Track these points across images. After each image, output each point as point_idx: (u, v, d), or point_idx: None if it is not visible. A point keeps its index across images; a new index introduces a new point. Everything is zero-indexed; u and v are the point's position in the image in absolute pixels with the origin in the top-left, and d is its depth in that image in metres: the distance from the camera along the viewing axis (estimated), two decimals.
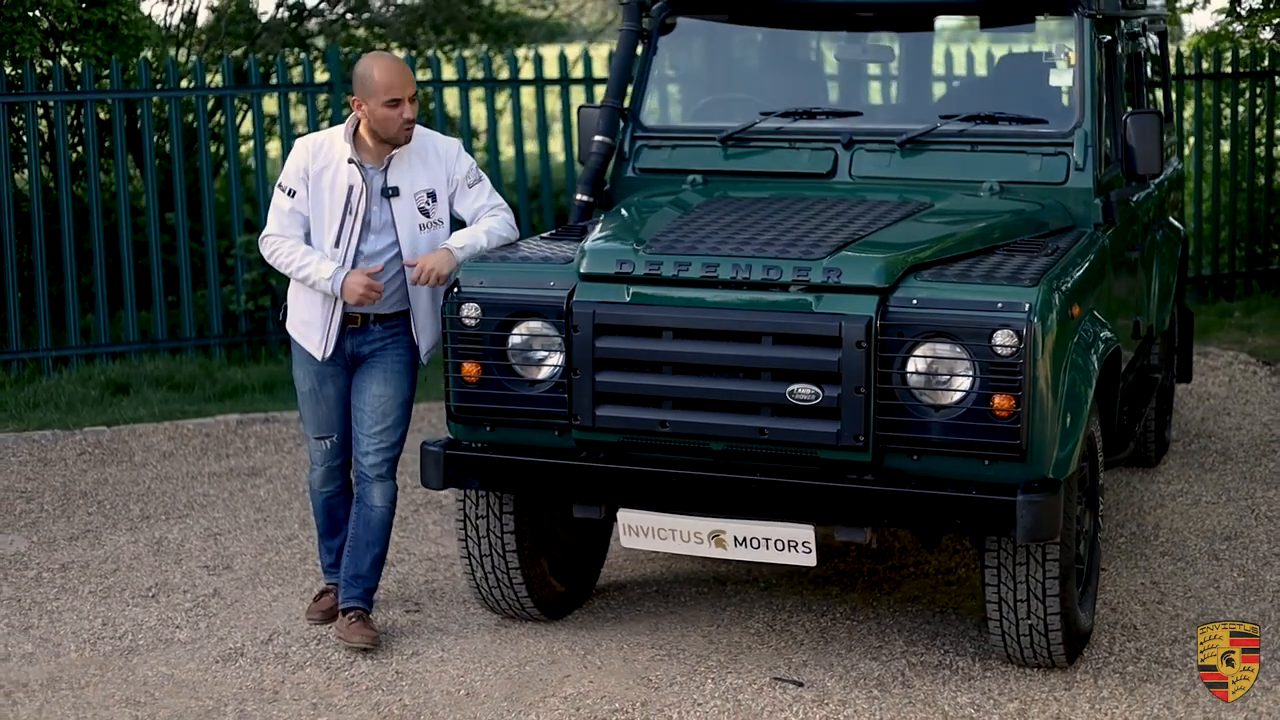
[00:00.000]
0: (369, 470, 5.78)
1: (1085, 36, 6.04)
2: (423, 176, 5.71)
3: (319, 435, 5.91)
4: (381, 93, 5.52)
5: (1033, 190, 5.94)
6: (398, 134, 5.59)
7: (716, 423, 5.19)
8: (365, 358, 5.78)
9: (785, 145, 6.28)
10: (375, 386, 5.77)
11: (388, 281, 5.67)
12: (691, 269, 5.21)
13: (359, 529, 5.82)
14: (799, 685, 5.38)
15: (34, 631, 5.98)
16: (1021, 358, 4.88)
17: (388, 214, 5.66)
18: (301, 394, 5.88)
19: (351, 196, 5.61)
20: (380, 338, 5.75)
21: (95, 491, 7.78)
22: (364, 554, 5.81)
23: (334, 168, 5.63)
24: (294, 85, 10.91)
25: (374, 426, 5.76)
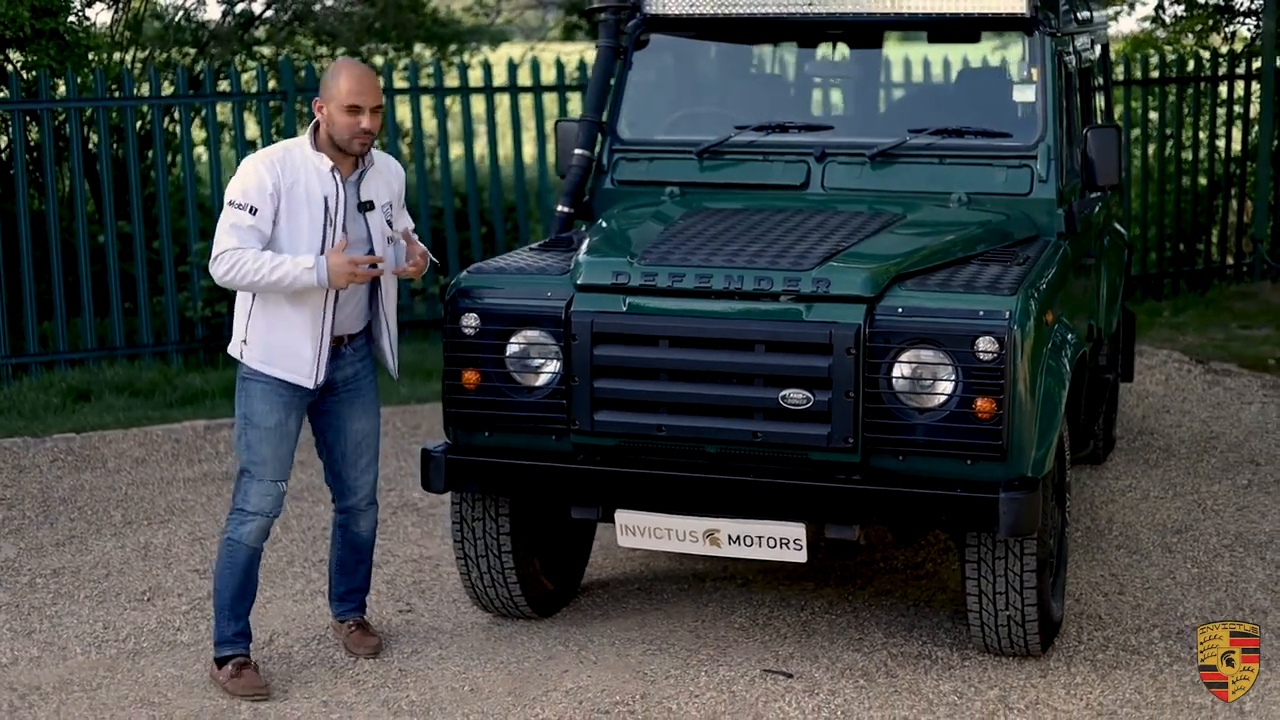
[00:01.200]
0: (360, 503, 5.77)
1: (1046, 54, 6.33)
2: (384, 190, 5.58)
3: (273, 478, 5.51)
4: (344, 97, 5.33)
5: (998, 201, 6.22)
6: (351, 142, 5.36)
7: (711, 426, 5.42)
8: (336, 387, 5.59)
9: (759, 158, 6.52)
10: (358, 422, 5.68)
11: (362, 298, 5.55)
12: (685, 280, 5.44)
13: (346, 553, 5.85)
14: (788, 676, 5.63)
15: (37, 636, 6.11)
16: (1003, 363, 5.16)
17: (363, 229, 5.49)
18: (264, 430, 5.46)
19: (330, 206, 5.38)
20: (352, 361, 5.61)
21: (74, 498, 7.90)
22: (356, 571, 5.89)
23: (304, 181, 5.37)
24: (249, 94, 11.02)
25: (361, 461, 5.73)
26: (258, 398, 5.45)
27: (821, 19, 6.65)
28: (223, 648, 5.57)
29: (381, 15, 12.43)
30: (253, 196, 5.32)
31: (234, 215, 5.32)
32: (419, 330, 11.37)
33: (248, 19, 12.38)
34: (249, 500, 5.51)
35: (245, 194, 5.32)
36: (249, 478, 5.51)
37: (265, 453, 5.47)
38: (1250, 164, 13.32)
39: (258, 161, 5.39)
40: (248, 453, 5.49)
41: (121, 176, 10.97)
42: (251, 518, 5.51)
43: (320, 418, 5.67)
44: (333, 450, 5.72)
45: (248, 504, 5.51)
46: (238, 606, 5.57)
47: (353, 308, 5.53)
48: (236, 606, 5.56)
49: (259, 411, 5.45)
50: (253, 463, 5.49)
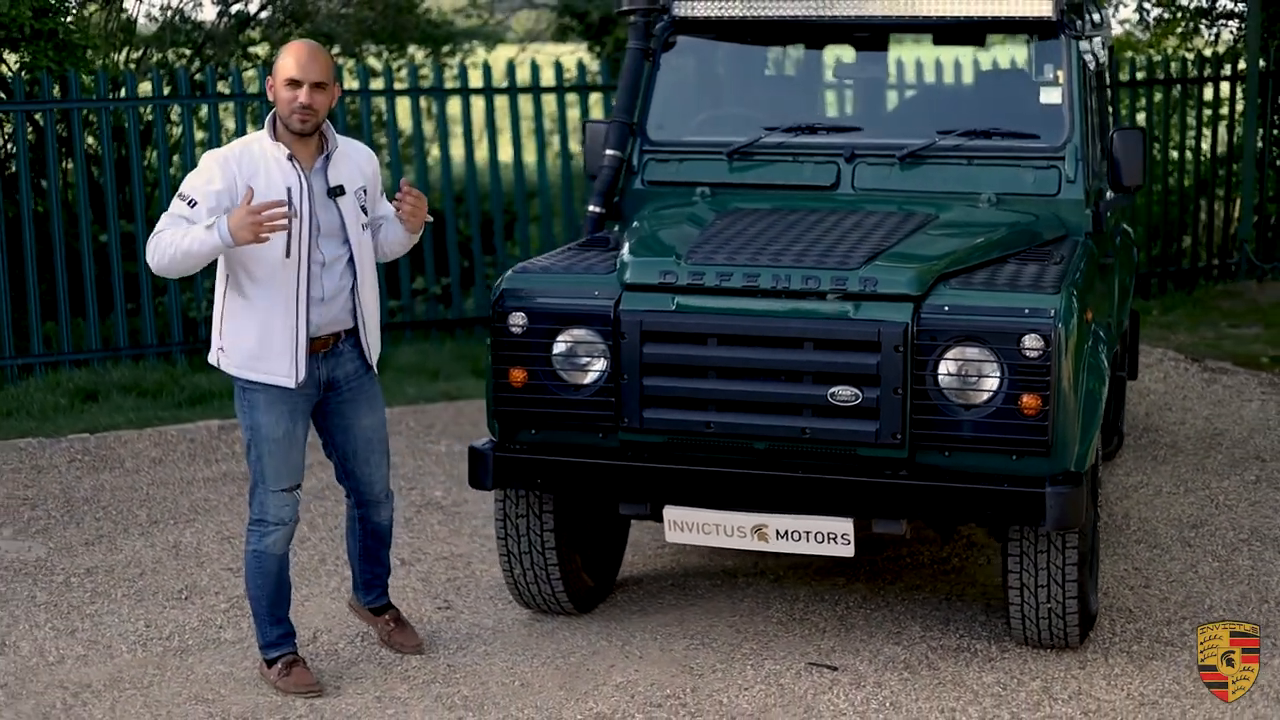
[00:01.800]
0: (378, 495, 5.76)
1: (1072, 56, 6.44)
2: (357, 174, 5.43)
3: (288, 486, 5.44)
4: (283, 71, 5.22)
5: (1027, 201, 6.32)
6: (290, 118, 5.20)
7: (760, 423, 5.51)
8: (339, 386, 5.51)
9: (789, 159, 6.60)
10: (366, 419, 5.61)
11: (345, 290, 5.41)
12: (733, 279, 5.52)
13: (369, 541, 5.84)
14: (833, 669, 5.72)
15: (80, 634, 6.14)
16: (1048, 360, 5.26)
17: (335, 216, 5.34)
18: (271, 441, 5.37)
19: (292, 197, 5.20)
20: (351, 358, 5.51)
21: (96, 498, 7.92)
22: (380, 556, 5.89)
23: (264, 173, 5.21)
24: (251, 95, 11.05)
25: (375, 457, 5.69)
26: (261, 409, 5.36)
27: (849, 22, 6.74)
28: (269, 650, 5.61)
29: (381, 17, 12.47)
30: (197, 190, 5.16)
31: (175, 206, 5.19)
32: (420, 330, 11.44)
33: (244, 20, 12.40)
34: (267, 511, 5.46)
35: (192, 188, 5.18)
36: (263, 489, 5.45)
37: (277, 464, 5.41)
38: (1235, 165, 13.49)
39: (212, 158, 5.26)
40: (259, 465, 5.42)
41: (123, 177, 10.98)
42: (273, 529, 5.47)
43: (326, 419, 5.60)
44: (343, 449, 5.67)
45: (267, 515, 5.47)
46: (276, 611, 5.59)
47: (340, 305, 5.40)
48: (275, 611, 5.59)
49: (265, 423, 5.37)
50: (264, 475, 5.42)
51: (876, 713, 5.38)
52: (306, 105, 5.21)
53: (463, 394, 10.09)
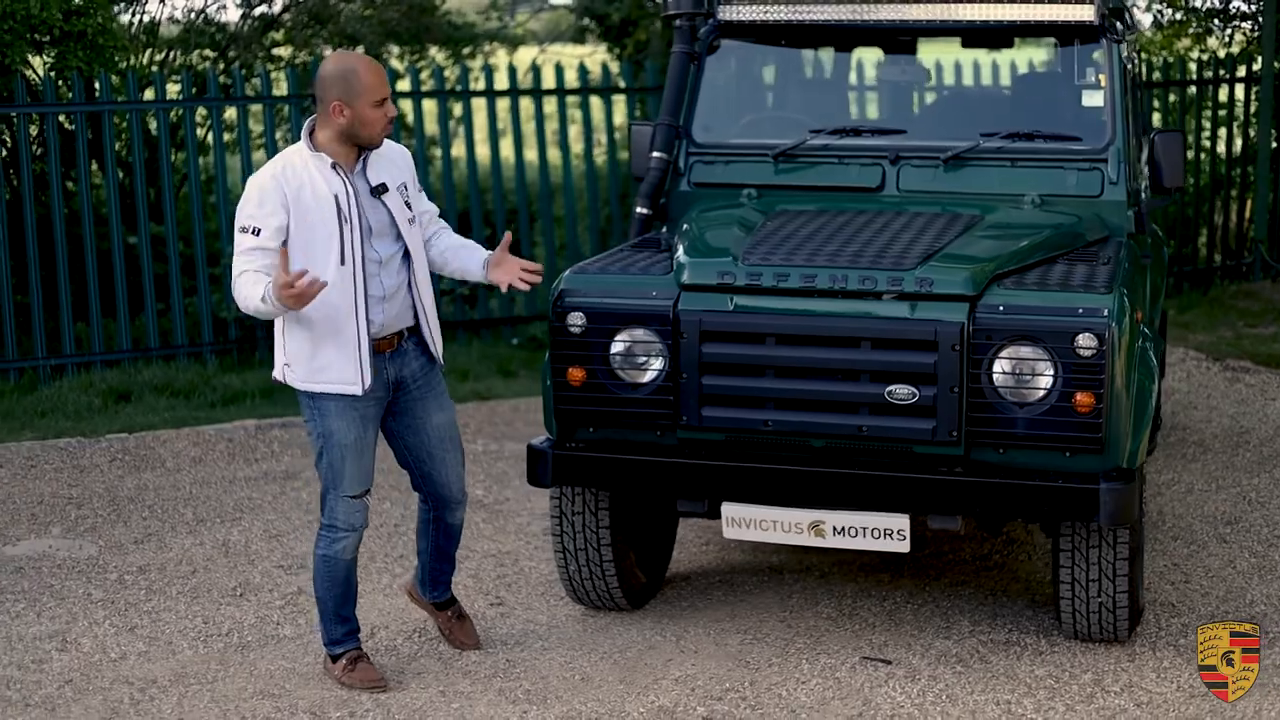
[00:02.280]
0: (456, 494, 5.78)
1: (1114, 60, 6.54)
2: (395, 172, 5.48)
3: (358, 492, 5.50)
4: (370, 93, 5.24)
5: (1070, 202, 6.41)
6: (378, 136, 5.33)
7: (817, 421, 5.60)
8: (407, 384, 5.56)
9: (835, 161, 6.70)
10: (437, 416, 5.65)
11: (403, 286, 5.47)
12: (790, 279, 5.61)
13: (443, 540, 5.87)
14: (887, 664, 5.81)
15: (140, 631, 6.23)
16: (1102, 358, 5.35)
17: (384, 213, 5.40)
18: (343, 447, 5.42)
19: (341, 204, 5.28)
20: (416, 355, 5.56)
21: (140, 497, 8.01)
22: (450, 553, 5.93)
23: (310, 185, 5.27)
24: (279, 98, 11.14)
25: (450, 455, 5.71)
26: (333, 415, 5.40)
27: (892, 26, 6.83)
28: (334, 647, 5.69)
29: (405, 18, 12.55)
30: (255, 217, 5.24)
31: (240, 240, 5.27)
32: (447, 331, 11.51)
33: (268, 21, 12.49)
34: (338, 517, 5.51)
35: (250, 216, 5.25)
36: (334, 495, 5.49)
37: (345, 469, 5.45)
38: (1250, 166, 13.61)
39: (258, 181, 5.30)
40: (330, 471, 5.47)
41: (151, 178, 11.07)
42: (344, 535, 5.52)
43: (396, 420, 5.62)
44: (416, 450, 5.68)
45: (337, 521, 5.52)
46: (342, 610, 5.66)
47: (400, 301, 5.46)
48: (341, 610, 5.66)
49: (338, 429, 5.41)
50: (337, 480, 5.47)
51: (933, 705, 5.47)
52: (393, 120, 5.37)
53: (493, 394, 10.20)
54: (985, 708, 5.44)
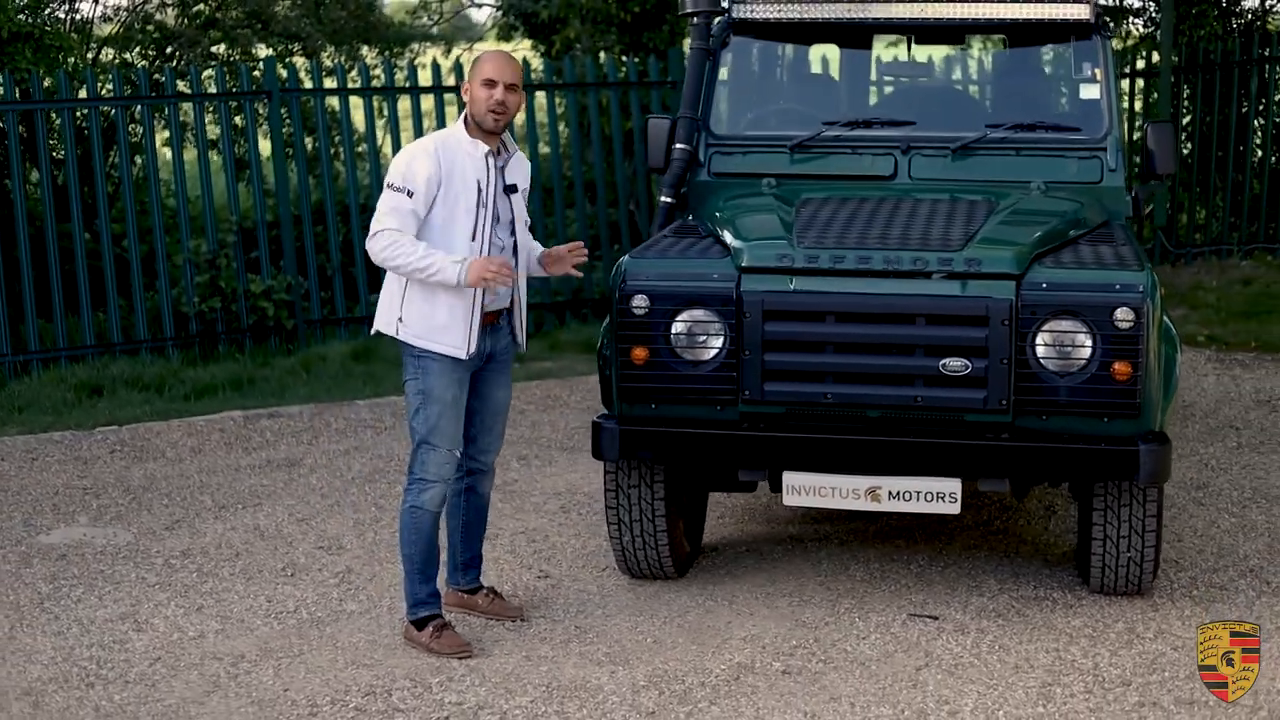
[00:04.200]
0: (486, 463, 6.20)
1: (1107, 55, 7.02)
2: (524, 179, 6.03)
3: (454, 446, 5.91)
4: (481, 73, 5.78)
5: (1072, 189, 6.87)
6: (485, 115, 5.76)
7: (875, 393, 5.98)
8: (494, 357, 6.01)
9: (849, 151, 7.10)
10: (499, 391, 6.10)
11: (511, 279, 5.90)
12: (846, 261, 5.98)
13: (471, 515, 6.22)
14: (934, 619, 6.22)
15: (208, 611, 6.42)
16: (1139, 330, 5.80)
17: (509, 210, 5.93)
18: (443, 404, 5.83)
19: (482, 188, 5.78)
20: (505, 334, 6.03)
21: (153, 485, 8.16)
22: (478, 536, 6.28)
23: (459, 165, 5.76)
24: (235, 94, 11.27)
25: (496, 426, 6.16)
26: (434, 374, 5.81)
27: (899, 24, 7.24)
28: (418, 609, 5.96)
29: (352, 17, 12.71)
30: (411, 181, 5.70)
31: (393, 198, 5.71)
32: None
33: (208, 20, 12.58)
34: (428, 469, 5.87)
35: (405, 178, 5.71)
36: (429, 448, 5.86)
37: (446, 425, 5.85)
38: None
39: (418, 149, 5.80)
40: (426, 425, 5.85)
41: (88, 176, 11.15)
42: (433, 485, 5.88)
43: (472, 384, 6.00)
44: (474, 416, 6.06)
45: (428, 473, 5.87)
46: (428, 569, 5.95)
47: (506, 289, 5.92)
48: (426, 569, 5.95)
49: (437, 386, 5.82)
50: (433, 433, 5.84)
51: (989, 654, 5.88)
52: (501, 102, 5.75)
53: None
54: (1037, 655, 5.86)
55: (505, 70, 5.80)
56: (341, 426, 9.39)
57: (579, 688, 5.61)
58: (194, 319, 11.03)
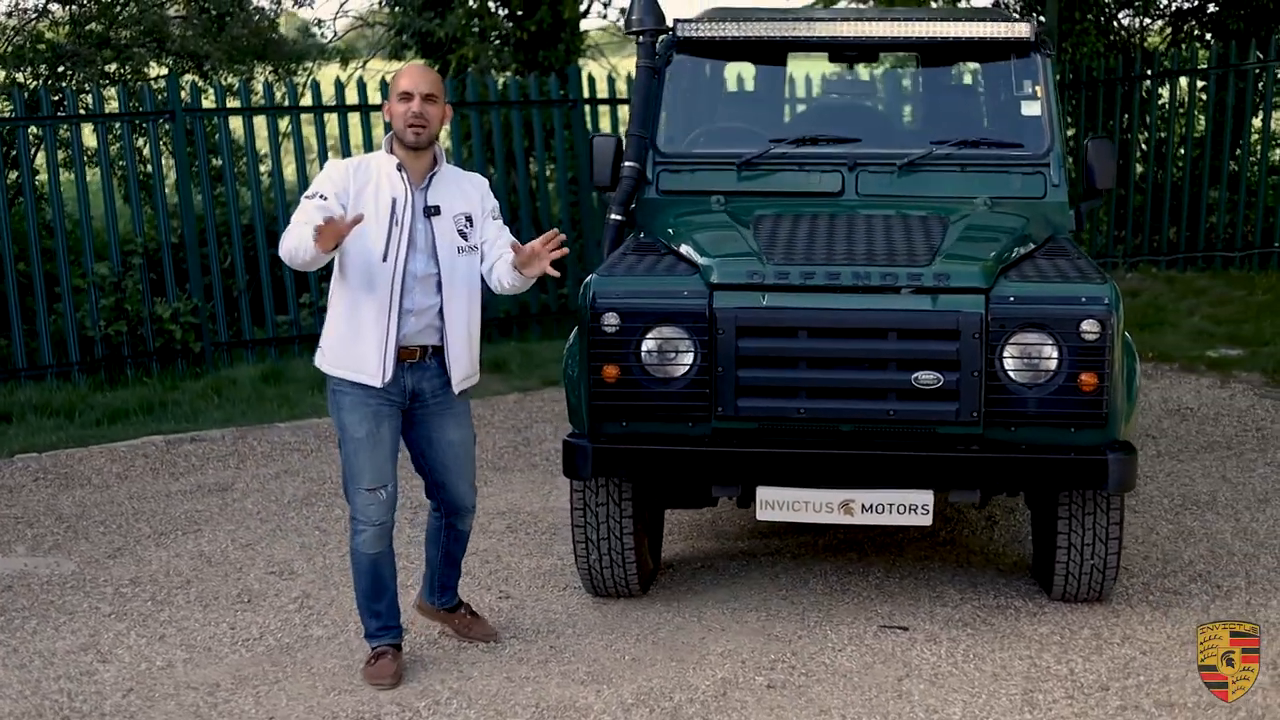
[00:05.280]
0: (466, 504, 6.00)
1: (1048, 73, 7.17)
2: (459, 200, 5.74)
3: (373, 485, 5.65)
4: (398, 86, 5.61)
5: (1016, 204, 7.00)
6: (404, 130, 5.56)
7: (847, 408, 6.03)
8: (425, 400, 5.73)
9: (796, 168, 7.16)
10: (450, 433, 5.82)
11: (434, 307, 5.66)
12: (816, 277, 6.03)
13: (450, 546, 6.08)
14: (904, 630, 6.29)
15: (171, 640, 6.29)
16: (1104, 341, 5.93)
17: (429, 234, 5.64)
18: (355, 440, 5.62)
19: (396, 208, 5.56)
20: (438, 372, 5.73)
21: (86, 513, 7.99)
22: (458, 559, 6.16)
23: (374, 183, 5.59)
24: (138, 114, 11.08)
25: (463, 470, 5.91)
26: (347, 409, 5.62)
27: (843, 42, 7.33)
28: (370, 641, 5.92)
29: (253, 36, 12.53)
30: (324, 186, 5.54)
31: (304, 203, 5.54)
32: None
33: (101, 39, 12.34)
34: (357, 510, 5.72)
35: (317, 186, 5.57)
36: (352, 488, 5.69)
37: (361, 462, 5.63)
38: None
39: (334, 162, 5.68)
40: (345, 464, 5.68)
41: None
42: (363, 527, 5.71)
43: (413, 429, 5.81)
44: (431, 462, 5.88)
45: (357, 514, 5.72)
46: (373, 605, 5.87)
47: (426, 321, 5.66)
48: (372, 605, 5.87)
49: (350, 423, 5.62)
50: (351, 473, 5.67)
51: (966, 663, 5.97)
52: (419, 114, 5.55)
53: None
54: (1012, 663, 5.96)
55: (421, 81, 5.61)
56: (266, 450, 9.25)
57: (568, 708, 5.59)
58: (100, 343, 10.80)
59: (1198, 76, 14.18)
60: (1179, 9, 16.77)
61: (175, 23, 12.81)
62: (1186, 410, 9.94)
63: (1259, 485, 8.31)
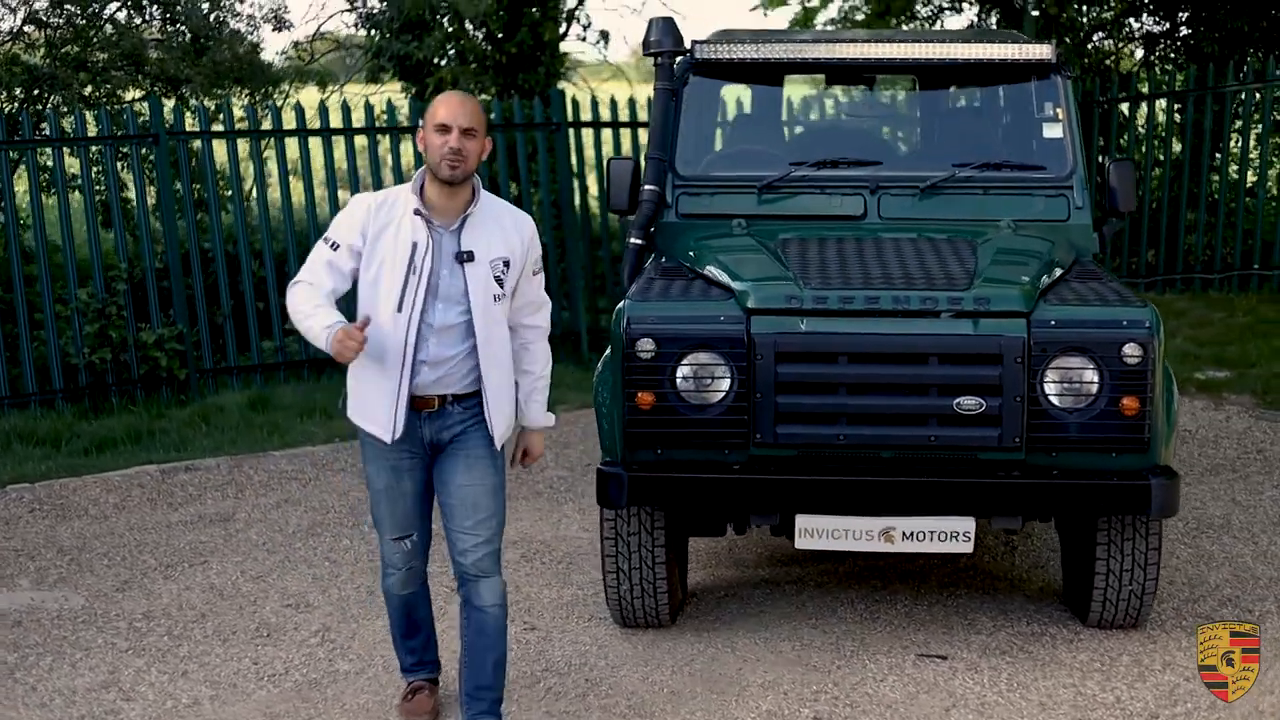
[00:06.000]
0: (470, 569, 5.30)
1: (1069, 95, 7.13)
2: (499, 242, 5.20)
3: (396, 536, 5.40)
4: (433, 118, 5.07)
5: (1040, 227, 6.95)
6: (439, 164, 5.03)
7: (888, 434, 5.95)
8: (445, 446, 5.27)
9: (818, 191, 7.08)
10: (459, 476, 5.27)
11: (458, 356, 5.16)
12: (855, 301, 5.95)
13: (471, 636, 5.37)
14: (943, 659, 6.20)
15: (194, 676, 6.13)
16: (1146, 365, 5.87)
17: (460, 281, 5.12)
18: (375, 492, 5.34)
19: (415, 255, 5.07)
20: (460, 420, 5.23)
21: (88, 545, 7.80)
22: (484, 660, 5.37)
23: (396, 224, 5.11)
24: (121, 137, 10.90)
25: (465, 520, 5.27)
26: (370, 459, 5.33)
27: (863, 64, 7.26)
28: (405, 675, 5.80)
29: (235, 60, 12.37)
30: (340, 233, 5.13)
31: (318, 249, 5.17)
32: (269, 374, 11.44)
33: (79, 62, 12.14)
34: (384, 554, 5.51)
35: (335, 228, 5.16)
36: (379, 533, 5.49)
37: (381, 512, 5.39)
38: None
39: (355, 201, 5.21)
40: (371, 509, 5.46)
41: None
42: (390, 571, 5.51)
43: (434, 477, 5.37)
44: (442, 510, 5.36)
45: (385, 557, 5.51)
46: (408, 642, 5.74)
47: (455, 366, 5.16)
48: (407, 642, 5.74)
49: (371, 474, 5.35)
50: (375, 521, 5.46)
51: (1011, 691, 5.89)
52: (456, 150, 5.03)
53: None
54: (1057, 691, 5.88)
55: (461, 113, 5.06)
56: (264, 479, 9.08)
57: None
58: (84, 370, 10.59)
59: (1175, 99, 14.22)
60: (1149, 33, 16.84)
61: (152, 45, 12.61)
62: (1185, 433, 9.91)
63: (1270, 508, 8.28)
